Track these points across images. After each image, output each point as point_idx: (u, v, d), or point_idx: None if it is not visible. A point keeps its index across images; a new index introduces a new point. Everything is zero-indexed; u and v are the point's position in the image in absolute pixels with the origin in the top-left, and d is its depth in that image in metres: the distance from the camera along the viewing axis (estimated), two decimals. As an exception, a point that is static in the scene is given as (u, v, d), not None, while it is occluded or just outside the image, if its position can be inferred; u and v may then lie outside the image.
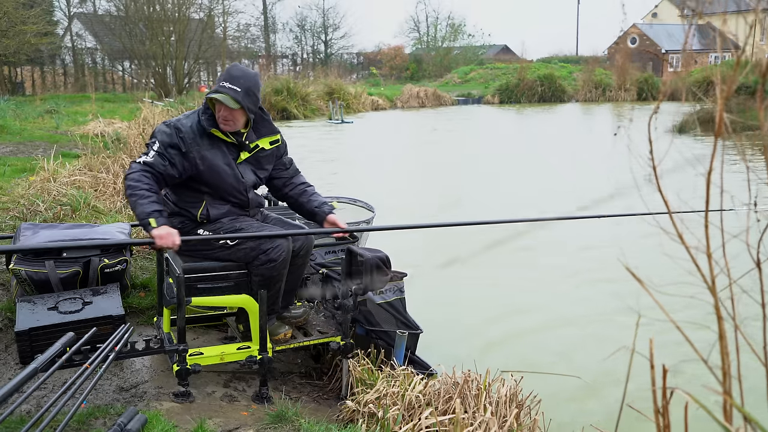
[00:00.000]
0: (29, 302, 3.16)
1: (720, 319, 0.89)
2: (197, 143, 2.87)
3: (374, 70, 38.85)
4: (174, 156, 2.83)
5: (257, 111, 3.00)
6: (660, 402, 0.99)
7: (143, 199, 2.73)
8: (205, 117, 2.91)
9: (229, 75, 2.87)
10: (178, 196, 2.98)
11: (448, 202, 9.03)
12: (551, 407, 3.29)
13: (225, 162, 2.93)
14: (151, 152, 2.83)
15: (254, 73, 2.95)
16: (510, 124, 21.79)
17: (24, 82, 24.66)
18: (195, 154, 2.86)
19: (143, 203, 2.72)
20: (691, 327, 1.05)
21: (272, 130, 3.12)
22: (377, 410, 2.71)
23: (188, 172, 2.88)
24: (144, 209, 2.71)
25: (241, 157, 3.00)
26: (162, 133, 2.87)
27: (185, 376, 2.88)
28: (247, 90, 2.85)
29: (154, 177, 2.80)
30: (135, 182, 2.76)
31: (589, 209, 6.80)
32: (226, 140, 2.94)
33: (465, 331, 4.63)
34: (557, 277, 5.78)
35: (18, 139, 9.75)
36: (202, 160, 2.87)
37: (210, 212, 2.94)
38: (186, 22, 23.91)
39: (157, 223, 2.69)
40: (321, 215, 3.12)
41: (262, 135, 3.08)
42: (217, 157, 2.91)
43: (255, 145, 3.04)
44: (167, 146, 2.83)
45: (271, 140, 3.12)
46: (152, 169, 2.80)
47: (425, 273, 5.58)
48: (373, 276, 3.01)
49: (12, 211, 4.99)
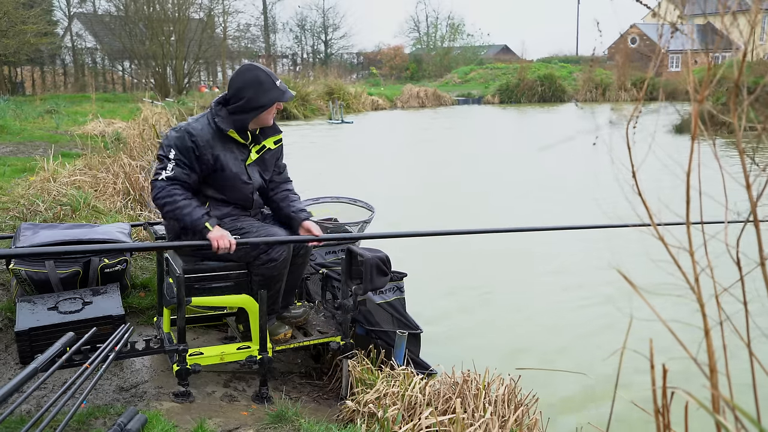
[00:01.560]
0: (29, 302, 3.16)
1: (704, 315, 0.90)
2: (210, 145, 2.87)
3: (374, 70, 38.86)
4: (192, 161, 2.83)
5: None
6: (660, 402, 0.99)
7: (187, 208, 2.75)
8: (220, 118, 2.90)
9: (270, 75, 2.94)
10: None
11: (447, 202, 9.03)
12: (551, 407, 3.29)
13: (236, 164, 2.95)
14: (170, 165, 2.82)
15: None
16: (510, 124, 21.79)
17: (24, 82, 24.68)
18: (209, 156, 2.86)
19: (189, 212, 2.74)
20: (692, 329, 1.05)
21: (276, 130, 3.14)
22: (377, 410, 2.71)
23: (204, 173, 2.89)
24: (193, 216, 2.73)
25: (251, 158, 3.01)
26: (174, 139, 2.85)
27: (185, 376, 2.88)
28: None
29: (183, 186, 2.81)
30: (169, 197, 2.77)
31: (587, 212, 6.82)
32: (239, 141, 2.95)
33: (465, 331, 4.63)
34: (556, 277, 5.78)
35: (18, 139, 9.76)
36: (216, 161, 2.88)
37: (212, 213, 2.94)
38: (186, 22, 23.91)
39: (211, 225, 2.72)
40: (297, 220, 3.08)
41: (268, 135, 3.10)
42: (229, 158, 2.92)
43: (262, 146, 3.05)
44: (183, 152, 2.82)
45: (275, 140, 3.14)
46: (177, 180, 2.81)
47: (425, 273, 5.59)
48: (373, 276, 3.01)
49: (12, 211, 4.99)
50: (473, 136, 17.98)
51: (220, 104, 2.95)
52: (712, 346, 0.89)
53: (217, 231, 2.72)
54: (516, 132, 19.41)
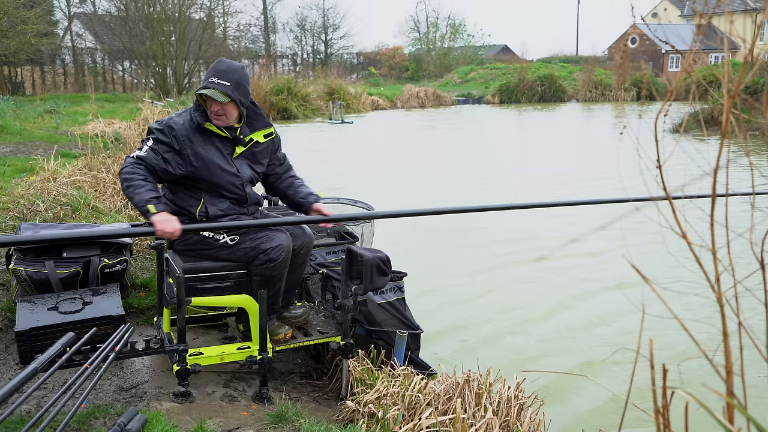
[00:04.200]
0: (29, 302, 3.16)
1: (723, 317, 0.89)
2: (190, 140, 2.88)
3: (374, 70, 38.85)
4: (167, 153, 2.84)
5: (249, 104, 3.01)
6: (660, 402, 0.99)
7: (140, 188, 2.72)
8: (198, 113, 2.92)
9: (215, 70, 2.89)
10: (176, 196, 2.97)
11: (447, 202, 9.03)
12: (552, 407, 3.29)
13: (220, 157, 2.94)
14: (145, 147, 2.86)
15: (240, 66, 2.96)
16: (510, 124, 21.78)
17: (24, 82, 24.68)
18: (189, 151, 2.86)
19: (140, 192, 2.71)
20: (697, 328, 1.05)
21: (265, 124, 3.13)
22: (377, 410, 2.71)
23: (183, 169, 2.87)
24: (142, 197, 2.69)
25: (237, 152, 3.00)
26: (156, 130, 2.89)
27: (185, 376, 2.88)
28: (236, 83, 2.87)
29: (148, 169, 2.81)
30: (130, 175, 2.77)
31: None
32: (220, 134, 2.95)
33: (465, 331, 4.63)
34: (559, 276, 5.77)
35: (18, 139, 9.75)
36: (196, 157, 2.88)
37: (209, 210, 2.94)
38: (186, 22, 23.92)
39: (156, 209, 2.67)
40: (306, 205, 3.12)
41: (255, 129, 3.08)
42: (211, 152, 2.91)
43: (249, 139, 3.05)
44: (160, 142, 2.85)
45: (265, 133, 3.12)
46: (145, 162, 2.82)
47: (426, 273, 5.59)
48: (374, 276, 3.01)
49: (12, 211, 4.99)
50: (473, 136, 17.97)
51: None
52: (729, 347, 0.88)
53: (162, 216, 2.65)
54: (516, 132, 19.40)
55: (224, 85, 2.83)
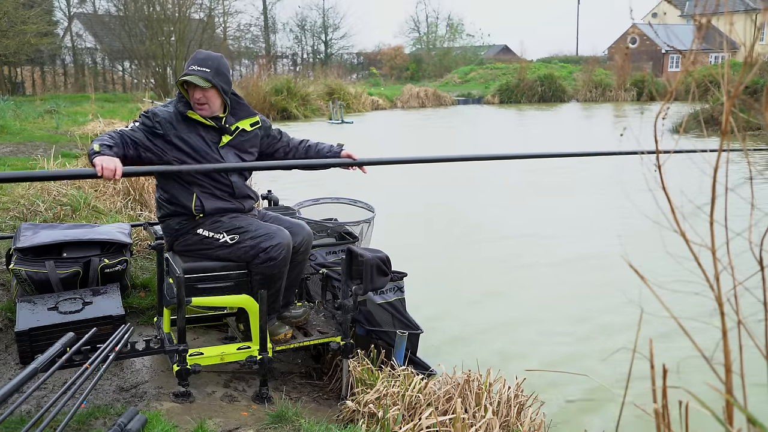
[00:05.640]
0: (29, 302, 3.16)
1: (722, 315, 0.89)
2: (174, 127, 2.90)
3: (374, 70, 38.85)
4: (149, 135, 2.86)
5: (231, 94, 3.02)
6: (660, 402, 0.99)
7: (98, 140, 2.72)
8: (181, 103, 2.94)
9: (195, 59, 2.93)
10: (169, 194, 2.96)
11: (448, 202, 9.03)
12: (552, 407, 3.29)
13: (205, 145, 2.95)
14: (129, 127, 2.90)
15: (219, 55, 2.98)
16: (510, 124, 21.78)
17: (24, 82, 24.68)
18: (173, 137, 2.88)
19: (97, 141, 2.71)
20: (697, 327, 1.05)
21: (250, 113, 3.14)
22: (377, 410, 2.71)
23: (169, 153, 2.88)
24: (94, 144, 2.68)
25: (223, 141, 3.01)
26: (141, 116, 2.94)
27: (185, 376, 2.88)
28: (216, 69, 2.90)
29: (121, 138, 2.80)
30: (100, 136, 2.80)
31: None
32: (205, 123, 2.96)
33: (465, 331, 4.63)
34: (559, 276, 5.77)
35: (18, 139, 9.76)
36: (182, 142, 2.89)
37: (204, 204, 2.93)
38: (186, 22, 23.92)
39: (101, 149, 2.62)
40: (335, 156, 3.25)
41: (240, 118, 3.10)
42: (195, 139, 2.93)
43: (236, 127, 3.06)
44: (144, 125, 2.88)
45: (251, 122, 3.13)
46: (122, 132, 2.84)
47: (426, 273, 5.58)
48: (374, 276, 3.01)
49: (12, 211, 4.99)
50: (473, 135, 17.97)
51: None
52: (729, 346, 0.88)
53: (107, 159, 2.58)
54: (516, 132, 19.40)
55: (204, 71, 2.87)
